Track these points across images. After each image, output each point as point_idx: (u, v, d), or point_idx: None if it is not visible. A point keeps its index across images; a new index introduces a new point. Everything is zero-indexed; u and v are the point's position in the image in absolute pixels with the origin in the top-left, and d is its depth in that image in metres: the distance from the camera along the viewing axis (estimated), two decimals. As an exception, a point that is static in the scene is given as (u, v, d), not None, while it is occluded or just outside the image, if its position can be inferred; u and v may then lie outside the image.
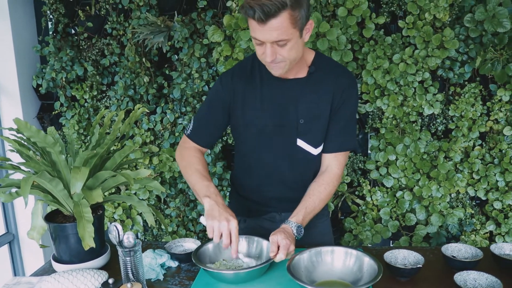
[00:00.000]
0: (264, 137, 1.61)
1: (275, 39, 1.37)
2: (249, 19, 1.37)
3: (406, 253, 1.46)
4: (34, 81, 2.67)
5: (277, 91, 1.56)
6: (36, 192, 1.41)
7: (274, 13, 1.32)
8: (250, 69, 1.60)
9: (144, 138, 2.57)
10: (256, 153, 1.65)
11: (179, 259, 1.54)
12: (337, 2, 2.34)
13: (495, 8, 2.21)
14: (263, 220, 1.75)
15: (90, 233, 1.22)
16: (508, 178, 2.42)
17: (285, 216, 1.69)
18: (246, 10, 1.34)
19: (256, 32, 1.38)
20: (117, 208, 2.61)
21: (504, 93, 2.38)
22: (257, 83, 1.58)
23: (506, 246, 1.50)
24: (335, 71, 1.59)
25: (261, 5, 1.30)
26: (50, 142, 1.32)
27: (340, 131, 1.60)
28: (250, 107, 1.59)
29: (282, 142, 1.60)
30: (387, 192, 2.58)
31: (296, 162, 1.63)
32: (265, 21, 1.33)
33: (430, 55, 2.33)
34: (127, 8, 2.58)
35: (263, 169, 1.66)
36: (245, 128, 1.62)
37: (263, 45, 1.41)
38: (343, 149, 1.62)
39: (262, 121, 1.59)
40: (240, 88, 1.59)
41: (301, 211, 1.53)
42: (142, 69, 2.59)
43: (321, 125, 1.58)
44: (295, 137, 1.59)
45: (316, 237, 1.73)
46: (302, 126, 1.57)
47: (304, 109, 1.56)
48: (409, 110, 2.44)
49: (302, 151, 1.61)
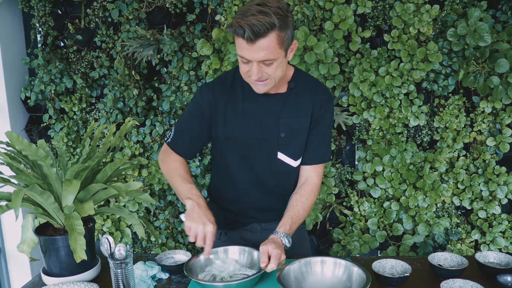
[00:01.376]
0: (245, 150, 1.64)
1: (262, 59, 1.41)
2: (236, 37, 1.40)
3: (394, 262, 1.49)
4: (23, 93, 2.67)
5: (259, 105, 1.60)
6: (26, 205, 1.41)
7: (263, 33, 1.36)
8: (231, 83, 1.63)
9: (133, 150, 2.58)
10: (236, 165, 1.68)
11: (169, 271, 1.55)
12: (324, 16, 2.39)
13: (476, 23, 2.28)
14: (244, 231, 1.78)
15: (81, 246, 1.23)
16: (491, 187, 2.47)
17: (266, 226, 1.76)
18: (235, 29, 1.37)
19: (244, 51, 1.41)
20: (106, 221, 2.60)
21: (486, 104, 2.44)
22: (239, 97, 1.61)
23: (490, 254, 1.53)
24: (314, 87, 1.65)
25: (250, 25, 1.34)
26: (42, 155, 1.33)
27: (319, 144, 1.66)
28: (232, 121, 1.62)
29: (263, 155, 1.65)
30: (374, 202, 2.62)
31: (276, 173, 1.68)
32: (254, 40, 1.36)
33: (415, 68, 2.39)
34: (117, 21, 2.60)
35: (244, 180, 1.70)
36: (226, 141, 1.65)
37: (249, 64, 1.44)
38: (322, 161, 1.69)
39: (243, 135, 1.62)
40: (221, 101, 1.61)
41: (288, 221, 1.56)
42: (131, 82, 2.61)
43: (301, 139, 1.64)
44: (276, 150, 1.64)
45: (295, 244, 1.74)
46: (282, 140, 1.62)
47: (285, 124, 1.61)
48: (395, 122, 2.49)
49: (283, 163, 1.66)
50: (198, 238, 1.44)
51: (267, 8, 1.36)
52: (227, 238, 1.79)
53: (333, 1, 2.35)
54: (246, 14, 1.36)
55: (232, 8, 2.38)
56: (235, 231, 1.78)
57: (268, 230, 1.73)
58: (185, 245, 2.70)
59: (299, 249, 1.74)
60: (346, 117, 2.53)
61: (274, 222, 1.70)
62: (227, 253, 1.57)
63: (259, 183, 1.69)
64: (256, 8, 1.36)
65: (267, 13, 1.35)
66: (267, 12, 1.35)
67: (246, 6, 1.39)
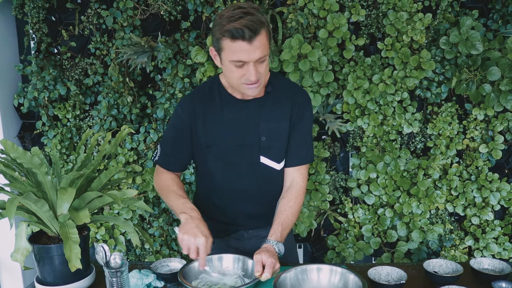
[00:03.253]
0: (227, 157, 1.66)
1: (259, 57, 1.44)
2: (233, 42, 1.41)
3: (389, 269, 1.49)
4: (16, 100, 2.65)
5: (238, 111, 1.62)
6: (20, 213, 1.40)
7: (258, 31, 1.40)
8: (208, 92, 1.65)
9: (128, 158, 2.57)
10: (220, 173, 1.69)
11: (165, 279, 1.54)
12: (318, 24, 2.41)
13: (468, 31, 2.31)
14: (230, 239, 1.79)
15: (76, 255, 1.22)
16: (484, 194, 2.49)
17: (253, 233, 1.76)
18: (232, 34, 1.39)
19: (241, 53, 1.42)
20: (100, 228, 2.58)
21: (478, 112, 2.46)
22: (217, 105, 1.63)
23: (484, 261, 1.54)
24: (291, 89, 1.68)
25: (247, 26, 1.38)
26: (37, 163, 1.32)
27: (300, 145, 1.68)
28: (211, 129, 1.64)
29: (246, 160, 1.66)
30: (368, 209, 2.62)
31: (261, 178, 1.68)
32: (253, 39, 1.40)
33: (408, 75, 2.41)
34: (111, 29, 2.60)
35: (229, 188, 1.70)
36: (208, 149, 1.66)
37: (243, 67, 1.46)
38: (305, 161, 1.69)
39: (224, 142, 1.64)
40: (200, 111, 1.63)
41: (278, 228, 1.57)
42: (125, 89, 2.60)
43: (282, 141, 1.65)
44: (258, 154, 1.65)
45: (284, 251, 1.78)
46: (264, 144, 1.63)
47: (265, 127, 1.62)
48: (389, 129, 2.51)
49: (266, 167, 1.66)
50: (191, 251, 1.45)
51: (247, 9, 1.42)
52: (214, 246, 1.77)
53: (327, 9, 2.36)
54: (232, 19, 1.40)
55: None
56: (222, 239, 1.78)
57: (256, 237, 1.76)
58: (179, 252, 2.68)
59: (289, 255, 1.74)
60: (340, 124, 2.55)
61: (261, 228, 1.74)
62: (221, 261, 1.57)
63: (244, 189, 1.70)
64: (239, 12, 1.41)
65: (252, 13, 1.41)
66: (251, 13, 1.41)
67: (224, 13, 1.43)
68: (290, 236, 1.85)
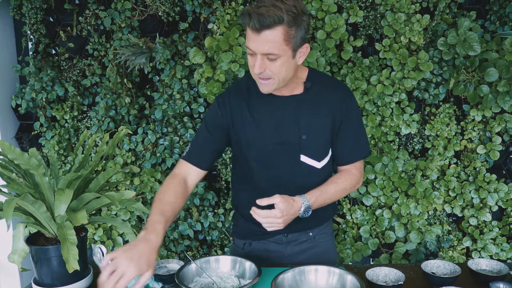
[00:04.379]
0: (266, 155, 1.60)
1: (266, 52, 1.40)
2: (247, 27, 1.40)
3: (387, 270, 1.49)
4: (13, 101, 2.65)
5: (275, 109, 1.58)
6: (18, 214, 1.40)
7: (269, 24, 1.36)
8: (246, 89, 1.61)
9: (125, 159, 2.56)
10: (258, 171, 1.63)
11: (163, 280, 1.54)
12: (316, 25, 2.41)
13: (466, 32, 2.31)
14: (269, 242, 1.72)
15: (74, 256, 1.21)
16: (482, 195, 2.50)
17: (292, 237, 1.70)
18: (243, 17, 1.38)
19: (250, 41, 1.41)
20: (98, 229, 2.58)
21: (476, 113, 2.47)
22: (255, 102, 1.59)
23: (482, 262, 1.54)
24: (331, 85, 1.63)
25: (258, 15, 1.35)
26: (34, 164, 1.32)
27: (353, 143, 1.63)
28: (250, 127, 1.59)
29: (285, 159, 1.60)
30: (366, 210, 2.63)
31: (300, 177, 1.62)
32: (259, 31, 1.37)
33: (406, 76, 2.41)
34: (109, 29, 2.60)
35: (268, 188, 1.57)
36: (248, 147, 1.62)
37: (254, 56, 1.43)
38: (362, 157, 1.66)
39: (262, 141, 1.59)
40: (238, 108, 1.59)
41: (316, 193, 1.52)
42: (123, 90, 2.60)
43: (323, 139, 1.60)
44: (299, 153, 1.59)
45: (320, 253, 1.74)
46: (304, 142, 1.58)
47: (305, 125, 1.57)
48: (387, 130, 2.51)
49: (306, 166, 1.61)
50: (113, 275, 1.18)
51: (281, 3, 1.37)
52: (251, 248, 1.73)
53: (325, 10, 2.37)
54: (258, 5, 1.37)
55: (225, 16, 2.39)
56: (260, 242, 1.72)
57: (295, 241, 1.70)
58: (177, 253, 2.68)
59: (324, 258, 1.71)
60: (338, 125, 2.54)
61: (301, 232, 1.68)
62: (218, 263, 1.56)
63: (283, 189, 1.53)
64: (271, 1, 1.37)
65: (279, 8, 1.36)
66: (279, 7, 1.36)
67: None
68: (331, 242, 1.80)
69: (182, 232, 2.64)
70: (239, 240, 1.79)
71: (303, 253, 1.72)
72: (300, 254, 1.72)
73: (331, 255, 1.79)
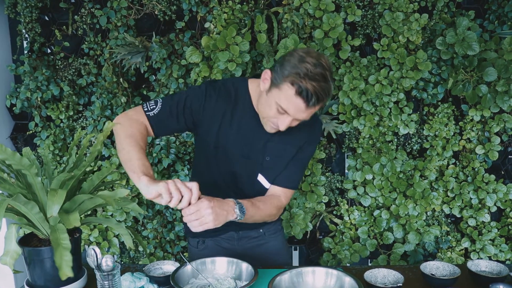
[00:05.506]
0: (231, 163, 1.65)
1: (304, 119, 1.45)
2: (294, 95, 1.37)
3: (386, 272, 1.47)
4: (8, 100, 2.62)
5: (254, 125, 1.61)
6: (10, 215, 1.37)
7: (322, 101, 1.39)
8: (234, 95, 1.62)
9: (121, 159, 2.54)
10: (217, 175, 1.68)
11: (158, 282, 1.51)
12: (314, 25, 2.39)
13: (464, 32, 2.29)
14: (221, 240, 1.78)
15: (67, 262, 1.18)
16: (481, 195, 2.48)
17: (243, 234, 1.78)
18: (301, 91, 1.36)
19: (292, 108, 1.40)
20: (93, 230, 2.55)
21: (475, 113, 2.45)
22: (239, 111, 1.61)
23: (482, 263, 1.53)
24: (312, 125, 1.65)
25: (317, 93, 1.35)
26: (26, 164, 1.29)
27: (297, 170, 1.69)
28: (226, 131, 1.61)
29: (244, 173, 1.66)
30: (364, 211, 2.61)
31: (248, 191, 1.68)
32: (313, 106, 1.39)
33: (405, 76, 2.40)
34: (105, 28, 2.57)
35: (225, 188, 1.68)
36: (215, 149, 1.64)
37: (284, 115, 1.44)
38: (294, 187, 1.70)
39: (233, 149, 1.63)
40: (221, 109, 1.60)
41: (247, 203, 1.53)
42: (119, 89, 2.57)
43: (283, 164, 1.66)
44: (258, 171, 1.66)
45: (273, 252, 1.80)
46: (267, 163, 1.65)
47: (271, 148, 1.63)
48: (385, 130, 2.49)
49: (259, 185, 1.68)
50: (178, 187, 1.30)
51: (327, 74, 1.36)
52: (205, 246, 1.79)
53: (323, 9, 2.35)
54: (309, 75, 1.34)
55: (222, 15, 2.36)
56: (212, 239, 1.78)
57: (246, 237, 1.78)
58: (174, 255, 2.66)
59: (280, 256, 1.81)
60: (336, 125, 2.53)
61: (252, 229, 1.76)
62: (214, 265, 1.54)
63: (239, 192, 1.68)
64: (319, 72, 1.35)
65: (327, 80, 1.37)
66: (327, 79, 1.37)
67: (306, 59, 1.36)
68: (279, 237, 1.86)
69: (178, 233, 2.61)
70: (192, 239, 1.83)
71: (254, 249, 1.78)
72: (252, 250, 1.77)
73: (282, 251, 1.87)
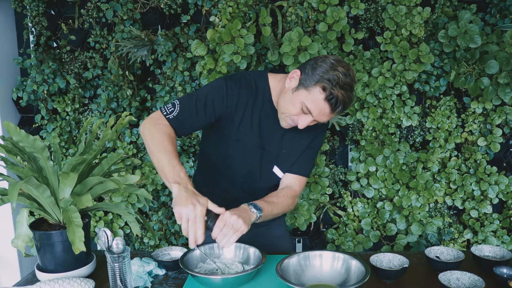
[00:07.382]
0: (246, 156, 1.68)
1: (325, 121, 1.54)
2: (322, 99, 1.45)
3: (391, 256, 1.49)
4: (14, 93, 2.64)
5: (272, 118, 1.65)
6: (21, 199, 1.40)
7: (345, 109, 1.49)
8: (255, 88, 1.65)
9: (127, 151, 2.56)
10: (232, 168, 1.71)
11: (166, 267, 1.54)
12: (318, 18, 2.41)
13: (466, 25, 2.32)
14: None
15: (80, 237, 1.21)
16: (483, 187, 2.50)
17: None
18: (330, 97, 1.44)
19: (317, 110, 1.48)
20: (99, 222, 2.58)
21: (477, 105, 2.48)
22: (259, 104, 1.64)
23: (485, 248, 1.55)
24: None
25: (344, 102, 1.45)
26: (39, 147, 1.32)
27: (310, 158, 1.75)
28: (246, 125, 1.64)
29: (260, 165, 1.70)
30: (368, 203, 2.63)
31: (264, 182, 1.73)
32: (336, 111, 1.48)
33: (407, 69, 2.42)
34: (111, 22, 2.60)
35: (234, 184, 1.73)
36: (235, 142, 1.66)
37: (307, 115, 1.51)
38: (306, 174, 1.75)
39: (251, 142, 1.66)
40: (243, 103, 1.62)
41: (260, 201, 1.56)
42: (125, 82, 2.60)
43: (297, 155, 1.72)
44: (273, 164, 1.71)
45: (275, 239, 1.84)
46: (282, 156, 1.70)
47: (287, 140, 1.68)
48: (388, 122, 2.51)
49: (275, 176, 1.73)
50: (190, 223, 1.32)
51: (352, 81, 1.47)
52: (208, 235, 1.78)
53: (327, 3, 2.37)
54: (339, 84, 1.43)
55: (227, 9, 2.39)
56: None
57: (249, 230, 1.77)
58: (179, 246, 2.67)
59: (282, 242, 1.84)
60: (340, 117, 2.55)
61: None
62: (221, 249, 1.56)
63: (253, 185, 1.73)
64: (348, 82, 1.45)
65: (353, 90, 1.48)
66: (353, 89, 1.48)
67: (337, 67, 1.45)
68: (281, 224, 1.90)
69: (183, 225, 2.63)
70: None
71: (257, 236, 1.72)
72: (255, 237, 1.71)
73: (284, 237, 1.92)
